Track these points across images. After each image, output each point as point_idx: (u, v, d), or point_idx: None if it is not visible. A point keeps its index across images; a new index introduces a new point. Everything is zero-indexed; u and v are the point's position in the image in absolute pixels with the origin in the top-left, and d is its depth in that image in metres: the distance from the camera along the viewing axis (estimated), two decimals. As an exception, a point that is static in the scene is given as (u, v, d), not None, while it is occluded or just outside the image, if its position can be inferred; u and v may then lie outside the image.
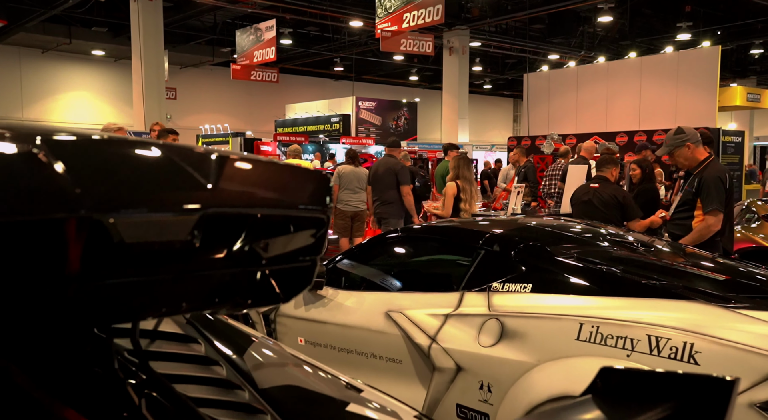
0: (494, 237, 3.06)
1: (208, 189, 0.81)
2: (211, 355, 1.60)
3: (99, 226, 0.72)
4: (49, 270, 0.74)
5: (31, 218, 0.69)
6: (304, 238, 0.95)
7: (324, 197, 0.96)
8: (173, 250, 0.80)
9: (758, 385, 1.96)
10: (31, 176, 0.71)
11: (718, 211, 4.02)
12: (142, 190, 0.77)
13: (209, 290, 0.91)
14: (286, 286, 0.98)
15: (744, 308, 2.32)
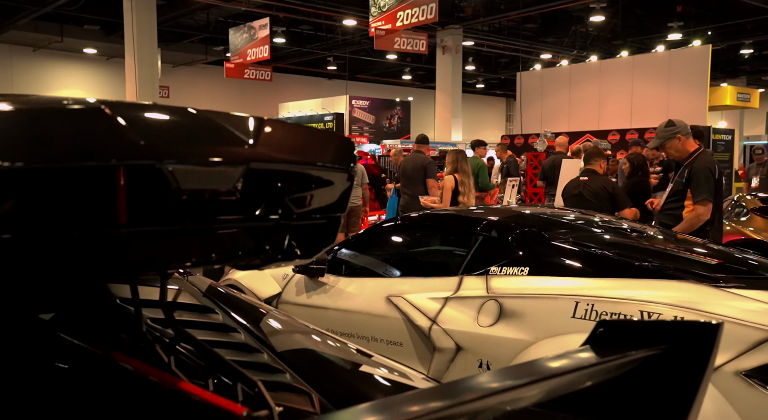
0: (492, 223, 3.15)
1: (250, 146, 0.90)
2: (229, 323, 1.68)
3: (159, 173, 0.81)
4: (110, 213, 0.82)
5: (102, 164, 0.78)
6: (330, 195, 1.04)
7: (350, 158, 1.05)
8: (219, 201, 0.89)
9: (744, 354, 2.06)
10: (101, 128, 0.79)
11: (707, 200, 4.13)
12: (196, 145, 0.86)
13: (245, 242, 1.00)
14: (313, 242, 1.07)
15: (732, 287, 2.42)
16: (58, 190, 0.78)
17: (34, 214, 0.78)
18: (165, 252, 0.94)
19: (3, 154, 0.73)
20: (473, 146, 10.46)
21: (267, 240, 1.02)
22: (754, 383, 2.03)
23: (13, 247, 0.81)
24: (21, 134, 0.75)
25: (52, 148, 0.76)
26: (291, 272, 3.73)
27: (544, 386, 0.86)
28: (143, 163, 0.80)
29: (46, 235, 0.81)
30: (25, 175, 0.75)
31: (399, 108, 25.77)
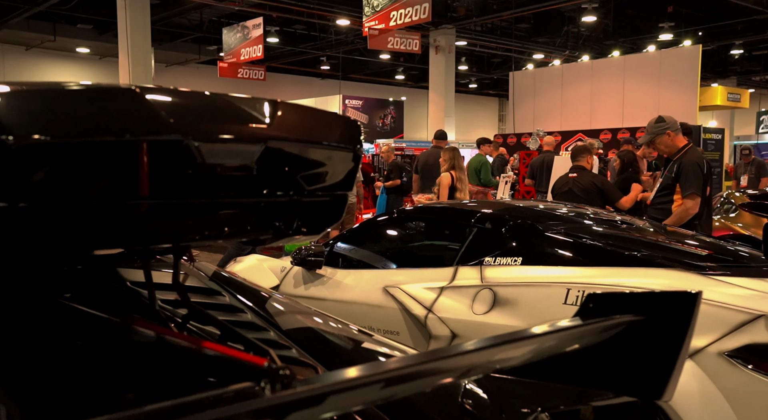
0: (486, 215, 3.23)
1: (267, 126, 0.98)
2: (236, 304, 1.75)
3: (186, 149, 0.88)
4: (137, 185, 0.89)
5: (133, 139, 0.85)
6: (338, 174, 1.11)
7: (357, 139, 1.13)
8: (238, 177, 0.96)
9: (727, 335, 2.15)
10: (133, 108, 0.87)
11: (696, 195, 4.22)
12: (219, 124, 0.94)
13: (259, 217, 1.07)
14: (321, 218, 1.14)
15: (718, 275, 2.51)
16: (92, 163, 0.85)
17: (69, 186, 0.86)
18: (185, 225, 1.01)
19: (42, 129, 0.80)
20: (479, 144, 10.69)
21: (279, 216, 1.10)
22: (736, 363, 2.12)
23: (43, 216, 0.88)
24: (61, 112, 0.83)
25: (88, 125, 0.83)
26: (289, 265, 3.80)
27: (531, 345, 0.93)
28: (171, 139, 0.88)
29: (78, 205, 0.88)
30: (62, 148, 0.82)
31: (392, 108, 25.85)
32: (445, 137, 8.52)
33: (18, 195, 0.83)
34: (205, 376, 1.02)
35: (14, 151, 0.78)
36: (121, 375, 1.19)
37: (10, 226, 0.87)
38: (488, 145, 10.41)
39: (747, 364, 2.11)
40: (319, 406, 0.70)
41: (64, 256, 1.05)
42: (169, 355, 1.08)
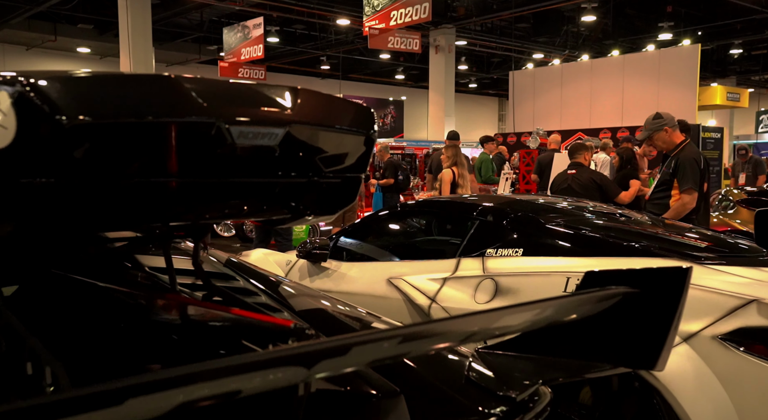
0: (488, 208, 3.31)
1: (290, 111, 1.06)
2: (250, 287, 1.83)
3: (218, 130, 0.97)
4: (172, 163, 0.97)
5: (172, 121, 0.93)
6: (353, 157, 1.19)
7: (370, 124, 1.21)
8: (263, 158, 1.05)
9: (721, 319, 2.23)
10: (172, 93, 0.95)
11: (693, 189, 4.30)
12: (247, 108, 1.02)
13: (280, 197, 1.15)
14: (337, 199, 1.23)
15: (714, 264, 2.59)
16: (133, 143, 0.94)
17: (112, 163, 0.94)
18: (214, 202, 1.09)
19: (92, 111, 0.88)
20: (482, 142, 10.85)
21: (299, 196, 1.18)
22: (729, 346, 2.20)
23: (87, 192, 0.96)
24: (107, 96, 0.91)
25: (131, 108, 0.92)
26: (294, 258, 3.88)
27: (531, 313, 1.01)
28: (205, 122, 0.96)
29: (118, 182, 0.96)
30: (108, 128, 0.90)
31: (392, 107, 25.95)
32: (458, 138, 8.67)
33: (66, 171, 0.91)
34: (241, 338, 1.11)
35: (67, 130, 0.86)
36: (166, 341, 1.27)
37: (54, 201, 0.95)
38: (491, 142, 10.59)
39: (739, 347, 2.19)
40: (344, 356, 0.78)
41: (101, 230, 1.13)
42: (208, 322, 1.17)
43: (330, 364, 0.78)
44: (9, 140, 0.86)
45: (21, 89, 0.87)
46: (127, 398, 0.62)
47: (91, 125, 0.88)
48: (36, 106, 0.85)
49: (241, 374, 0.70)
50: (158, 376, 0.64)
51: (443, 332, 0.87)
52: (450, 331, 0.88)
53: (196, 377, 0.67)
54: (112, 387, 0.62)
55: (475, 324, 0.91)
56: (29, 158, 0.88)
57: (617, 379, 2.49)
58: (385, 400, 1.34)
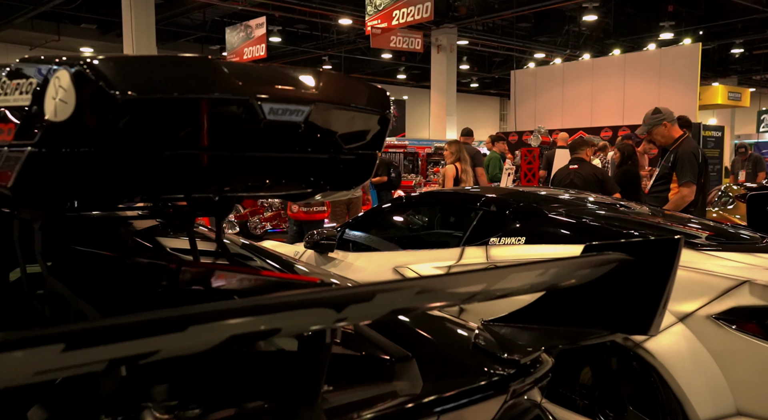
0: (491, 199, 3.41)
1: (315, 90, 1.17)
2: (267, 267, 1.94)
3: (251, 106, 1.07)
4: (207, 137, 1.08)
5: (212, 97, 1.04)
6: (370, 134, 1.30)
7: (386, 104, 1.31)
8: (290, 134, 1.15)
9: (715, 300, 2.33)
10: (211, 72, 1.06)
11: (691, 183, 4.40)
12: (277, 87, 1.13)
13: (304, 172, 1.25)
14: (355, 175, 1.33)
15: (710, 250, 2.69)
16: (176, 117, 1.04)
17: (158, 135, 1.04)
18: (244, 175, 1.20)
19: (142, 87, 0.99)
20: (494, 141, 11.01)
21: (320, 171, 1.28)
22: (722, 324, 2.30)
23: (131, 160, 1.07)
24: (155, 74, 1.01)
25: (175, 85, 1.02)
26: (302, 249, 3.98)
27: (534, 272, 1.11)
28: (240, 99, 1.07)
29: (162, 153, 1.06)
30: (155, 103, 1.01)
31: (394, 107, 26.00)
32: (472, 134, 8.89)
33: (116, 142, 1.01)
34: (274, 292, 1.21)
35: (120, 104, 0.97)
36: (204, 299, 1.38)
37: (108, 170, 1.06)
38: (502, 142, 10.80)
39: (732, 326, 2.29)
40: (369, 302, 0.88)
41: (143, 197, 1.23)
42: (245, 282, 1.28)
43: (357, 309, 0.88)
44: (69, 113, 0.97)
45: (80, 68, 0.97)
46: (189, 325, 0.72)
47: (140, 100, 0.98)
48: (93, 83, 0.96)
49: (282, 312, 0.80)
50: (215, 308, 0.74)
51: (455, 285, 0.97)
52: (461, 284, 0.98)
53: (245, 311, 0.77)
54: (177, 314, 0.72)
55: (484, 279, 1.01)
56: (86, 130, 0.99)
57: (616, 360, 2.59)
58: (398, 364, 1.44)
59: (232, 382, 1.39)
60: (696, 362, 2.30)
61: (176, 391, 1.30)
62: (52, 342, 0.64)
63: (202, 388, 1.35)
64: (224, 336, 0.78)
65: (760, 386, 2.24)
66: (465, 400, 1.26)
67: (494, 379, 1.35)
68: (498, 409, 1.32)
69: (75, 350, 0.66)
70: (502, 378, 1.36)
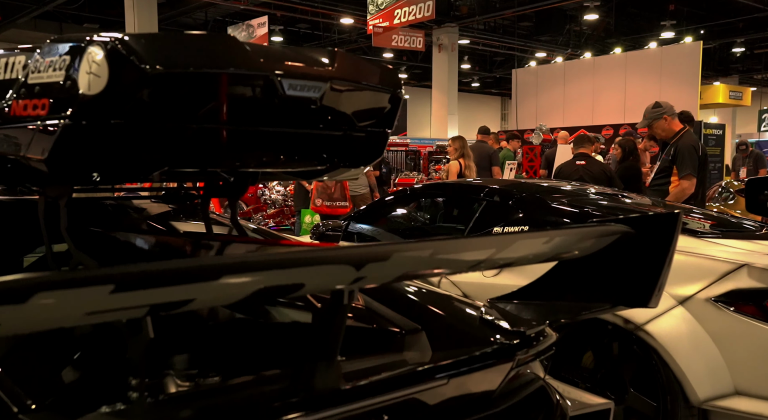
0: (494, 190, 3.47)
1: (331, 68, 1.23)
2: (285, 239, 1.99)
3: (271, 82, 1.13)
4: (229, 111, 1.14)
5: (236, 72, 1.10)
6: (382, 112, 1.36)
7: (398, 83, 1.38)
8: (306, 110, 1.21)
9: (714, 283, 2.39)
10: (234, 49, 1.12)
11: (692, 175, 4.46)
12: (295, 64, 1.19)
13: (320, 148, 1.31)
14: (368, 152, 1.39)
15: (711, 237, 2.75)
16: (202, 90, 1.10)
17: (183, 108, 1.10)
18: (262, 149, 1.26)
19: (170, 62, 1.05)
20: (508, 139, 11.10)
21: (335, 148, 1.34)
22: (721, 307, 2.36)
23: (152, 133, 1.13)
24: (183, 50, 1.08)
25: (202, 60, 1.08)
26: (308, 240, 4.04)
27: (540, 240, 1.17)
28: (261, 74, 1.13)
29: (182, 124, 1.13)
30: (183, 77, 1.07)
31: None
32: (489, 132, 9.08)
33: (145, 114, 1.07)
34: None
35: (150, 77, 1.03)
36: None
37: (126, 143, 1.12)
38: (516, 140, 10.93)
39: (730, 308, 2.35)
40: (386, 262, 0.94)
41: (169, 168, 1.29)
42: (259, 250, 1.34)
43: (374, 267, 0.94)
44: (102, 87, 1.03)
45: (113, 44, 1.04)
46: (222, 275, 0.78)
47: (168, 74, 1.04)
48: (125, 57, 1.02)
49: (306, 267, 0.86)
50: (246, 259, 0.80)
51: (467, 248, 1.03)
52: (473, 248, 1.04)
53: (274, 264, 0.83)
54: (212, 263, 0.78)
55: (494, 244, 1.07)
56: (117, 102, 1.05)
57: (617, 344, 2.64)
58: (408, 335, 1.50)
59: (251, 352, 1.45)
60: (695, 344, 2.36)
61: (197, 361, 1.36)
62: (103, 283, 0.70)
63: (221, 357, 1.41)
64: (253, 288, 0.84)
65: (757, 366, 2.30)
66: (473, 366, 1.32)
67: (501, 347, 1.41)
68: (504, 376, 1.38)
69: (122, 292, 0.72)
70: (508, 346, 1.42)
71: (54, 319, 0.74)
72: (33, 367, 1.27)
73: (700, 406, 2.33)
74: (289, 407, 1.05)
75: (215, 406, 1.07)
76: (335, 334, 1.11)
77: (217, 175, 1.68)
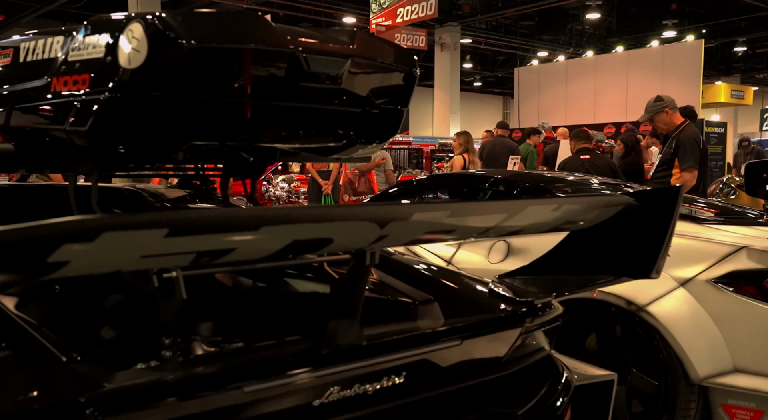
0: (499, 180, 3.54)
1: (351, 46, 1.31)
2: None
3: (297, 59, 1.21)
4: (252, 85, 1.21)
5: (265, 48, 1.18)
6: (398, 90, 1.43)
7: (413, 62, 1.45)
8: (328, 86, 1.29)
9: (714, 265, 2.47)
10: (260, 26, 1.20)
11: (693, 168, 4.53)
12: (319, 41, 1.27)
13: (339, 124, 1.38)
14: (384, 129, 1.46)
15: (712, 223, 2.84)
16: (228, 63, 1.18)
17: (214, 81, 1.18)
18: (285, 124, 1.34)
19: (204, 37, 1.13)
20: (528, 134, 11.15)
21: (353, 124, 1.42)
22: (721, 288, 2.44)
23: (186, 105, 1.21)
24: (215, 26, 1.16)
25: (233, 35, 1.16)
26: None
27: (550, 206, 1.24)
28: (286, 51, 1.20)
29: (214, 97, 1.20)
30: (215, 51, 1.15)
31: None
32: (507, 127, 9.34)
33: (180, 87, 1.15)
34: None
35: (187, 51, 1.11)
36: None
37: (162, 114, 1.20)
38: (537, 135, 10.96)
39: (730, 288, 2.42)
40: (407, 221, 1.01)
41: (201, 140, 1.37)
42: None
43: (396, 227, 1.01)
44: (141, 60, 1.11)
45: (152, 21, 1.11)
46: (261, 225, 0.86)
47: (202, 49, 1.12)
48: (162, 33, 1.10)
49: (335, 221, 0.94)
50: (283, 212, 0.88)
51: (482, 210, 1.10)
52: (487, 211, 1.12)
53: (307, 218, 0.90)
54: (253, 213, 0.85)
55: (507, 208, 1.14)
56: (155, 75, 1.13)
57: (620, 326, 2.72)
58: (422, 305, 1.57)
59: (277, 315, 1.52)
60: (696, 323, 2.44)
61: (225, 322, 1.44)
62: (159, 226, 0.77)
63: (249, 319, 1.49)
64: (287, 241, 0.91)
65: (756, 344, 2.37)
66: (485, 329, 1.39)
67: (510, 314, 1.49)
68: (513, 341, 1.45)
69: (174, 237, 0.79)
70: (517, 314, 1.49)
71: (113, 262, 0.81)
72: (77, 326, 1.35)
73: (701, 384, 2.41)
74: (314, 360, 1.13)
75: (244, 361, 1.14)
76: (357, 294, 1.18)
77: (236, 155, 1.76)
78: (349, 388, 1.13)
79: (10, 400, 0.87)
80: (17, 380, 0.93)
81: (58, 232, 0.71)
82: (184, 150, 1.53)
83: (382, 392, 1.18)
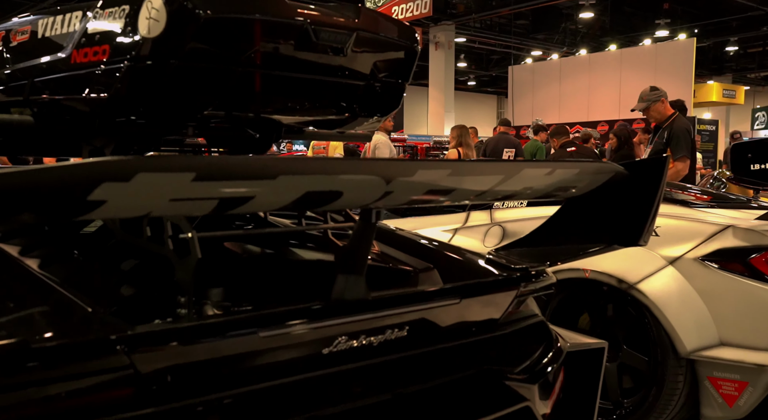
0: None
1: (357, 20, 1.39)
2: None
3: (305, 31, 1.29)
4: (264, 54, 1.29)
5: (276, 20, 1.26)
6: (401, 65, 1.51)
7: (414, 38, 1.53)
8: (335, 58, 1.36)
9: (702, 243, 2.56)
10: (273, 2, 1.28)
11: (686, 157, 4.63)
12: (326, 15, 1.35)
13: (344, 96, 1.46)
14: (386, 102, 1.54)
15: (702, 207, 2.93)
16: (241, 33, 1.26)
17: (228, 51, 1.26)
18: (292, 94, 1.42)
19: (220, 7, 1.20)
20: (536, 131, 11.16)
21: (357, 97, 1.50)
22: (708, 265, 2.53)
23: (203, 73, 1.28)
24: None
25: (248, 6, 1.24)
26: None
27: (543, 169, 1.32)
28: (296, 23, 1.28)
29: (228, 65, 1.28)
30: (226, 21, 1.23)
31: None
32: (509, 124, 9.37)
33: (197, 56, 1.22)
34: None
35: (203, 21, 1.18)
36: None
37: (180, 82, 1.27)
38: (544, 132, 10.94)
39: (716, 265, 2.52)
40: (411, 177, 1.09)
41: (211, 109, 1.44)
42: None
43: (401, 184, 1.08)
44: (161, 29, 1.19)
45: None
46: (279, 174, 0.93)
47: (218, 19, 1.20)
48: (180, 3, 1.18)
49: (345, 174, 1.01)
50: (298, 162, 0.95)
51: (482, 170, 1.18)
52: (486, 171, 1.19)
53: (319, 169, 0.98)
54: (271, 162, 0.93)
55: (504, 169, 1.22)
56: (174, 43, 1.20)
57: (612, 306, 2.80)
58: (422, 273, 1.65)
59: (286, 275, 1.60)
60: (684, 300, 2.53)
61: (237, 286, 1.51)
62: (188, 170, 0.84)
63: (260, 280, 1.56)
64: (302, 191, 0.99)
65: (740, 318, 2.47)
66: (483, 289, 1.48)
67: (506, 278, 1.57)
68: (509, 303, 1.53)
69: (200, 181, 0.86)
70: (513, 278, 1.57)
71: (145, 205, 0.88)
72: (99, 286, 1.42)
73: (688, 357, 2.50)
74: (324, 312, 1.20)
75: (259, 312, 1.21)
76: (364, 252, 1.25)
77: (242, 132, 1.83)
78: (356, 339, 1.21)
79: (56, 336, 0.94)
80: (58, 323, 1.00)
81: (99, 171, 0.78)
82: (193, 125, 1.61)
83: (385, 344, 1.25)
